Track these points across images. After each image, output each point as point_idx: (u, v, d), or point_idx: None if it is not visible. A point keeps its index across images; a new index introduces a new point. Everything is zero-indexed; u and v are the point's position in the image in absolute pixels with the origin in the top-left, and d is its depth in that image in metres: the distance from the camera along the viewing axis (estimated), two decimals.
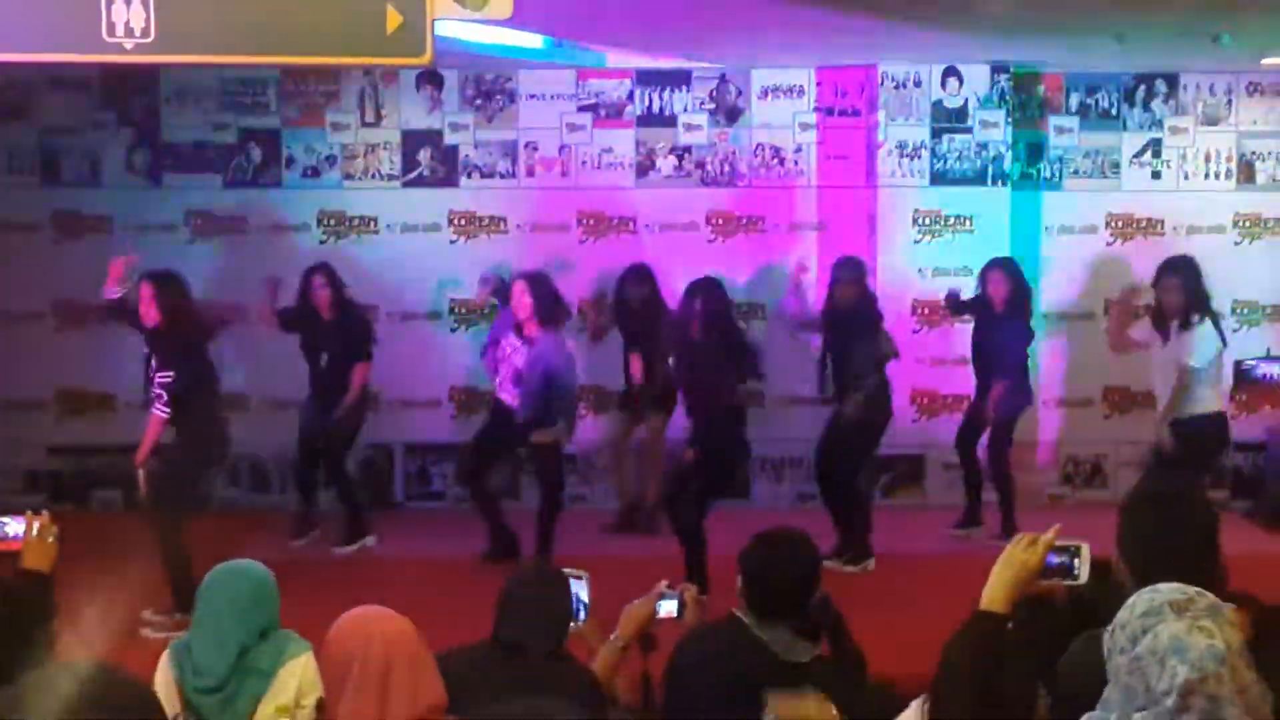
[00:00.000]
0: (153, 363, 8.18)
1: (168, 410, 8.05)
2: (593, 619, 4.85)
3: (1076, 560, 3.59)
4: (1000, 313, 9.99)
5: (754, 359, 8.85)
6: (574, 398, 9.53)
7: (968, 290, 10.36)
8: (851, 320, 9.47)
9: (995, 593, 3.50)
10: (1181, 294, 8.78)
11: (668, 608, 4.90)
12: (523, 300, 9.28)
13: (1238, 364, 10.91)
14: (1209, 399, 8.85)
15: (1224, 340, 8.96)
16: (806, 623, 4.63)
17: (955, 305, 10.43)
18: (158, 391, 8.05)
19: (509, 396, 9.43)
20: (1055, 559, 3.57)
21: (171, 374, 8.05)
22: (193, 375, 8.19)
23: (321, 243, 11.04)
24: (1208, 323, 8.79)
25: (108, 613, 7.72)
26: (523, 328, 9.34)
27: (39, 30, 5.49)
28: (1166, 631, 2.77)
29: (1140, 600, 2.87)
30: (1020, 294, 9.98)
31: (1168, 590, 2.86)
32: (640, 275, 10.41)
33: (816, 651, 4.55)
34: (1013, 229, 10.95)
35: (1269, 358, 11.16)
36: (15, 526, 4.64)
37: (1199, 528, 4.00)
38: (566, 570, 4.82)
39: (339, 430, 9.90)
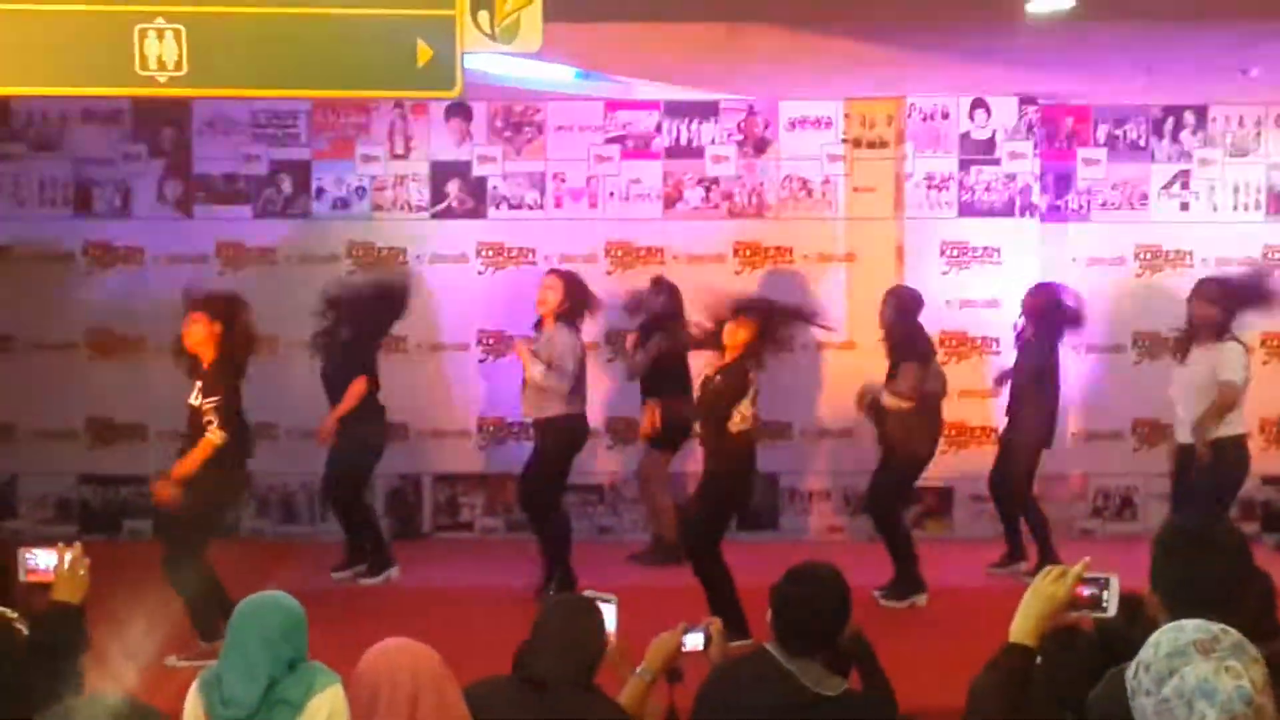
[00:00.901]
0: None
1: (223, 432, 7.92)
2: (620, 643, 4.83)
3: (1106, 593, 3.58)
4: (1028, 337, 9.97)
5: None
6: (565, 385, 9.24)
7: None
8: (893, 346, 9.43)
9: (1024, 625, 3.50)
10: (1217, 306, 8.70)
11: (694, 640, 4.91)
12: (551, 296, 9.29)
13: None
14: (1236, 421, 8.79)
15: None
16: (837, 656, 4.63)
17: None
18: (209, 418, 7.90)
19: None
20: (1085, 591, 3.57)
21: (216, 398, 7.94)
22: (233, 402, 8.09)
23: (351, 273, 11.07)
24: (1237, 342, 8.74)
25: (138, 644, 7.79)
26: (541, 322, 9.37)
27: (73, 65, 5.55)
28: (1193, 674, 2.76)
29: (1165, 640, 2.85)
30: (1046, 319, 9.91)
31: (1192, 629, 2.85)
32: (658, 287, 10.33)
33: (846, 685, 4.54)
34: (1041, 261, 10.93)
35: None
36: (47, 558, 4.65)
37: (1233, 560, 3.98)
38: (592, 594, 4.82)
39: (340, 458, 9.80)
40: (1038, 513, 9.94)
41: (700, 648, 4.90)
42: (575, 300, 9.36)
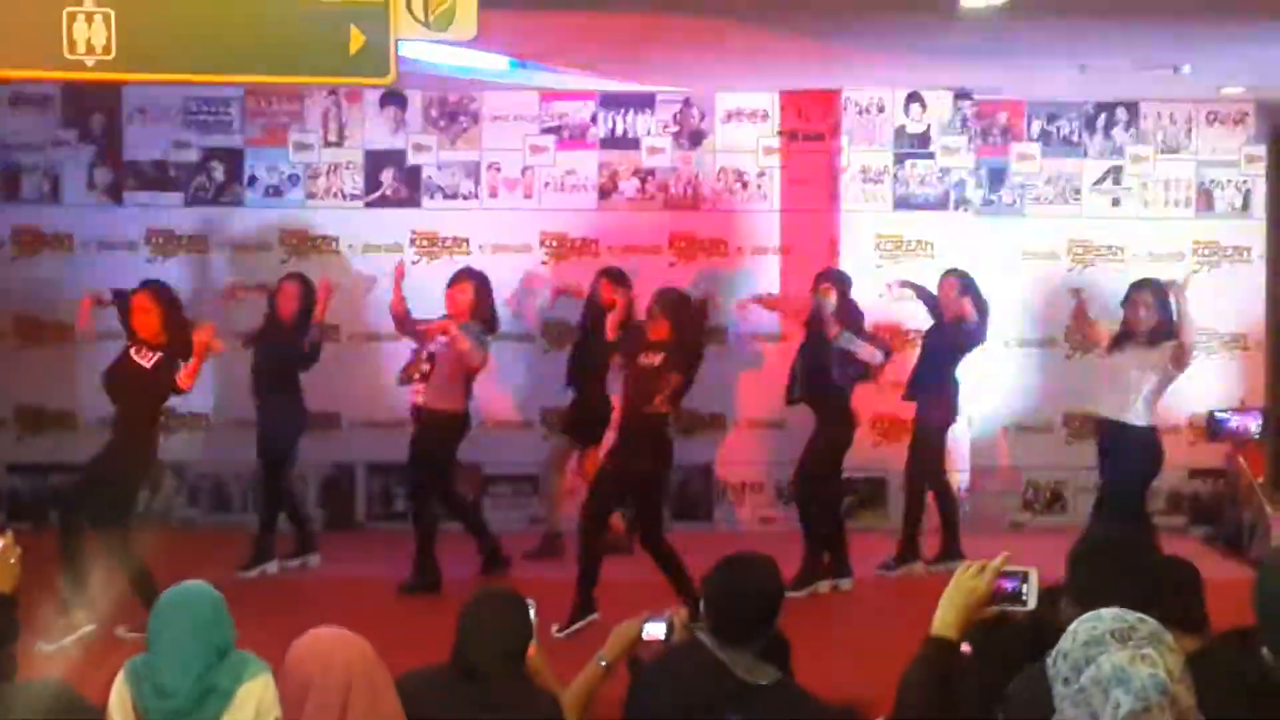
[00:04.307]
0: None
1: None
2: (538, 646, 4.78)
3: (1025, 586, 3.61)
4: (945, 320, 10.01)
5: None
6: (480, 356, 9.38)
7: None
8: (825, 330, 9.46)
9: (945, 618, 3.53)
10: (1152, 311, 8.78)
11: (653, 630, 4.86)
12: (461, 298, 9.27)
13: (1210, 414, 10.90)
14: (1146, 414, 8.86)
15: None
16: (770, 646, 4.63)
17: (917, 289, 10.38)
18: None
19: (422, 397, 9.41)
20: (1005, 585, 3.59)
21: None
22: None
23: (283, 262, 11.00)
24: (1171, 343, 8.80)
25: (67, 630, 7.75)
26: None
27: None
28: (1109, 662, 2.79)
29: (1082, 628, 2.88)
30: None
31: (1110, 618, 2.88)
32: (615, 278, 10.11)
33: (779, 675, 4.54)
34: (975, 255, 10.98)
35: (1242, 409, 11.10)
36: None
37: (1148, 577, 4.03)
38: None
39: (278, 446, 9.85)
40: (950, 497, 10.03)
41: (661, 637, 4.84)
42: (486, 302, 9.34)
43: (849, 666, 6.70)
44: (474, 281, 9.43)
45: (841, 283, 9.60)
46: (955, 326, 9.89)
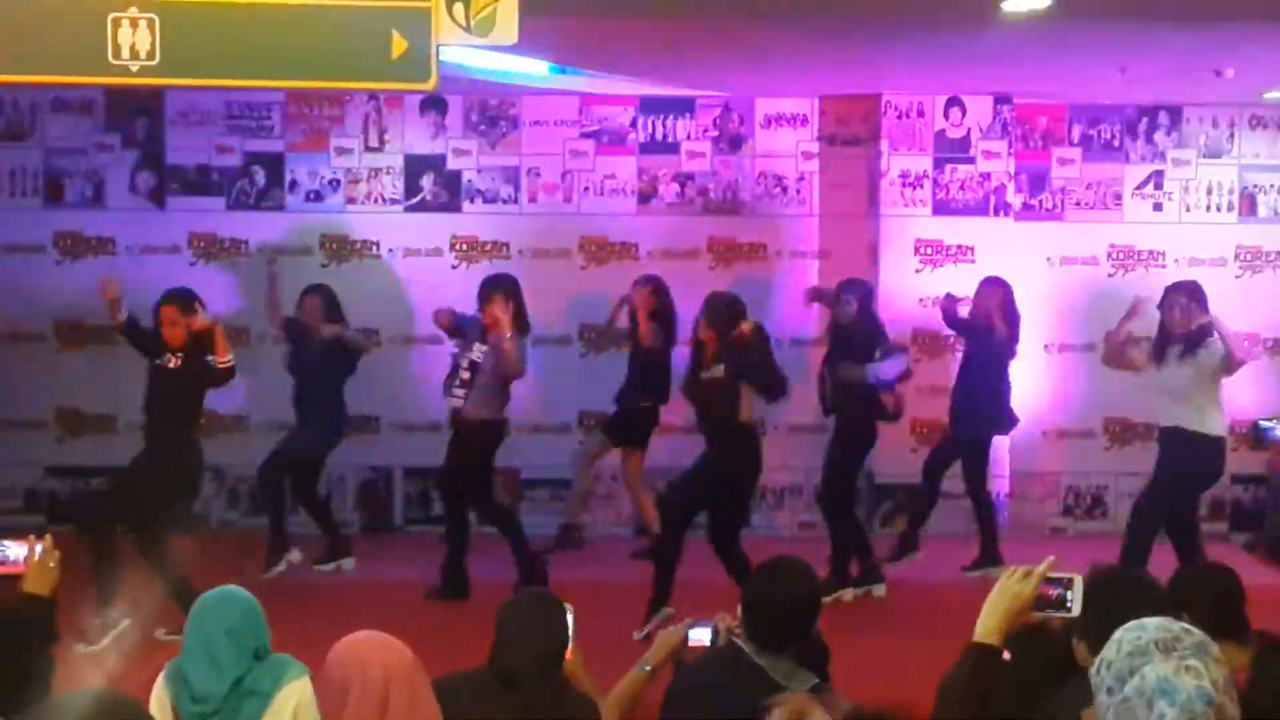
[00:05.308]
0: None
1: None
2: (575, 651, 4.77)
3: (1069, 592, 3.59)
4: (984, 330, 9.93)
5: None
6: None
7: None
8: (847, 339, 9.45)
9: (989, 624, 3.50)
10: (1188, 311, 8.69)
11: (699, 636, 4.83)
12: (504, 318, 9.19)
13: (1255, 424, 10.82)
14: (1216, 423, 8.79)
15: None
16: (807, 651, 4.62)
17: (951, 317, 10.35)
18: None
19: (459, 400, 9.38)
20: (1049, 591, 3.57)
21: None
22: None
23: (324, 266, 11.06)
24: (1214, 342, 8.69)
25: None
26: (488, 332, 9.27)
27: (45, 53, 5.51)
28: (1154, 673, 2.75)
29: (1126, 638, 2.84)
30: (1005, 312, 9.91)
31: (1154, 628, 2.84)
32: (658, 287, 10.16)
33: (816, 680, 4.53)
34: (1014, 259, 10.94)
35: None
36: (16, 550, 4.62)
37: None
38: None
39: (299, 446, 9.80)
40: (989, 504, 9.98)
41: (706, 643, 4.83)
42: (520, 306, 9.31)
43: (887, 672, 6.68)
44: (502, 291, 9.29)
45: (862, 292, 9.57)
46: (989, 335, 9.85)
